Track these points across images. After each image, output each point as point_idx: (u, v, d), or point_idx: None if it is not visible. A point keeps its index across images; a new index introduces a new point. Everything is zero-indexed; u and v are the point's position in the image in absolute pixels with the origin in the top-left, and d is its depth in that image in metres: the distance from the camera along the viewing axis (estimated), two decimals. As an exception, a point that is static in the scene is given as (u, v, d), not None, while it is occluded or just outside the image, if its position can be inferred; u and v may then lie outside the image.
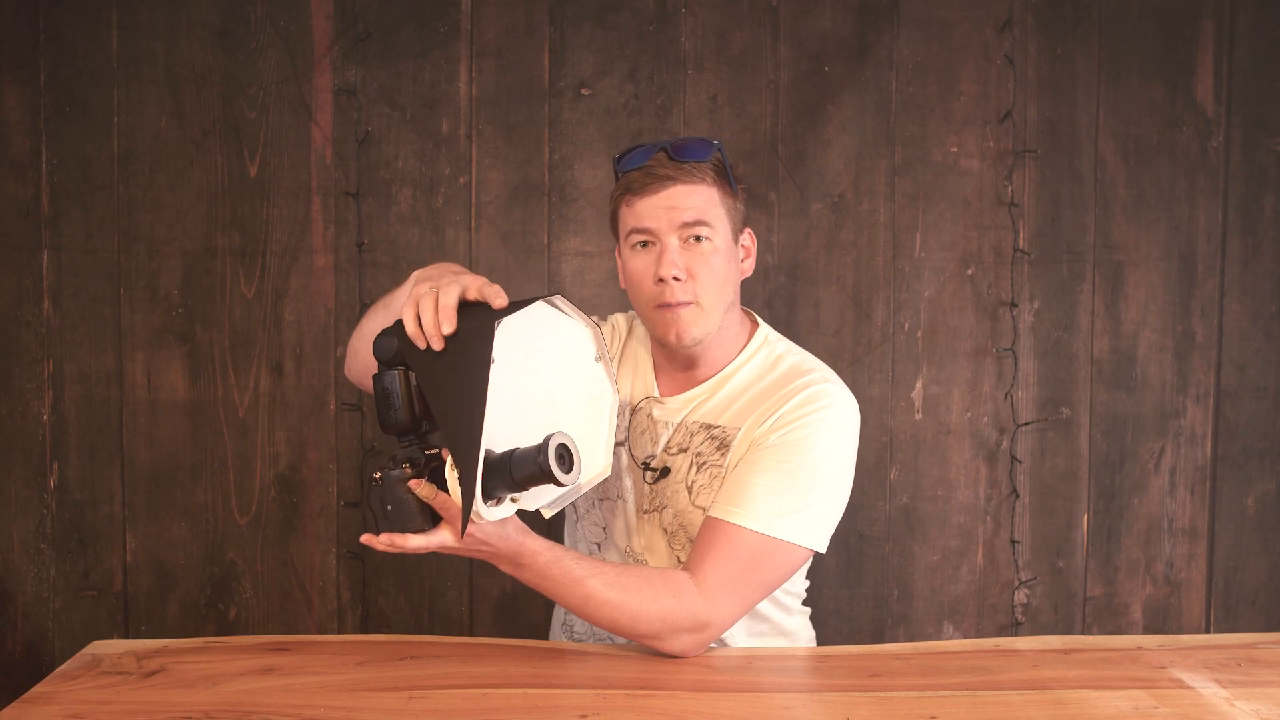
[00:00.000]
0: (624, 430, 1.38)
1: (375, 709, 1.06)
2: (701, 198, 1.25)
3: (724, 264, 1.27)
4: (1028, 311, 1.88)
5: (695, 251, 1.25)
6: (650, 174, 1.25)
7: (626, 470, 1.37)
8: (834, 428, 1.26)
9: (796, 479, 1.23)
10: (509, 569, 1.17)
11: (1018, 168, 1.86)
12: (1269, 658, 1.21)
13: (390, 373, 1.11)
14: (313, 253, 1.83)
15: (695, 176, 1.24)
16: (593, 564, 1.20)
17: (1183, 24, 1.86)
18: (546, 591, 1.18)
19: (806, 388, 1.27)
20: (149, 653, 1.21)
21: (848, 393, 1.30)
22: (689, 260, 1.25)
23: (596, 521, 1.40)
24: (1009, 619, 1.92)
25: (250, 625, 1.87)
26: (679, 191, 1.24)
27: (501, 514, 1.10)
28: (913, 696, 1.09)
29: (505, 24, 1.82)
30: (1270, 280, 1.91)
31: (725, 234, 1.27)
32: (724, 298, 1.28)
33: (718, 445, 1.30)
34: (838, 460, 1.27)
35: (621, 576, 1.19)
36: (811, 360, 1.34)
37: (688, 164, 1.24)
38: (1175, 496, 1.92)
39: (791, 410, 1.26)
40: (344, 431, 1.84)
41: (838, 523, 1.28)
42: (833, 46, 1.84)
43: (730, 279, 1.29)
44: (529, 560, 1.15)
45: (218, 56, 1.81)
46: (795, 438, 1.24)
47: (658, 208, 1.25)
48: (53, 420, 1.84)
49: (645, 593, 1.18)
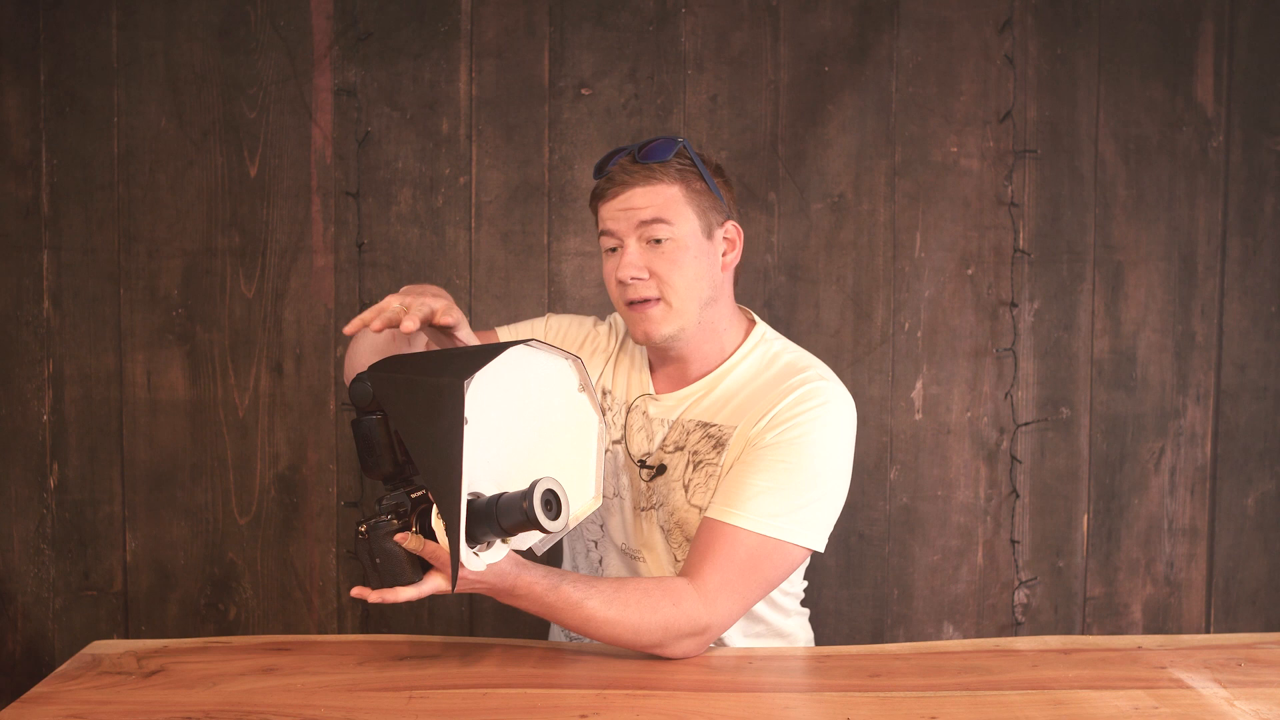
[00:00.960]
0: (620, 428, 1.38)
1: (375, 709, 1.06)
2: (660, 197, 1.26)
3: (692, 260, 1.27)
4: (1028, 311, 1.88)
5: (656, 251, 1.26)
6: (611, 179, 1.28)
7: (623, 468, 1.37)
8: (830, 425, 1.26)
9: (793, 478, 1.23)
10: (506, 600, 1.16)
11: (1018, 168, 1.86)
12: (1269, 658, 1.21)
13: (369, 419, 1.10)
14: (313, 253, 1.83)
15: (654, 177, 1.26)
16: (590, 584, 1.18)
17: (1183, 24, 1.86)
18: (547, 617, 1.17)
19: (802, 385, 1.27)
20: (149, 653, 1.21)
21: (844, 390, 1.30)
22: (650, 259, 1.27)
23: (594, 519, 1.40)
24: (1009, 619, 1.92)
25: (250, 625, 1.87)
26: (637, 193, 1.26)
27: (492, 559, 1.08)
28: (913, 696, 1.09)
29: (505, 24, 1.82)
30: (1270, 280, 1.91)
31: (692, 230, 1.27)
32: (696, 293, 1.28)
33: (713, 444, 1.30)
34: (834, 458, 1.27)
35: (619, 592, 1.18)
36: (808, 358, 1.34)
37: (650, 164, 1.26)
38: (1175, 496, 1.92)
39: (787, 409, 1.26)
40: (344, 431, 1.84)
41: (835, 521, 1.28)
42: (833, 46, 1.84)
43: (703, 274, 1.29)
44: (525, 591, 1.14)
45: (218, 56, 1.81)
46: (791, 437, 1.24)
47: (617, 210, 1.27)
48: (53, 420, 1.84)
49: (644, 605, 1.18)
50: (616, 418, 1.39)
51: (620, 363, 1.42)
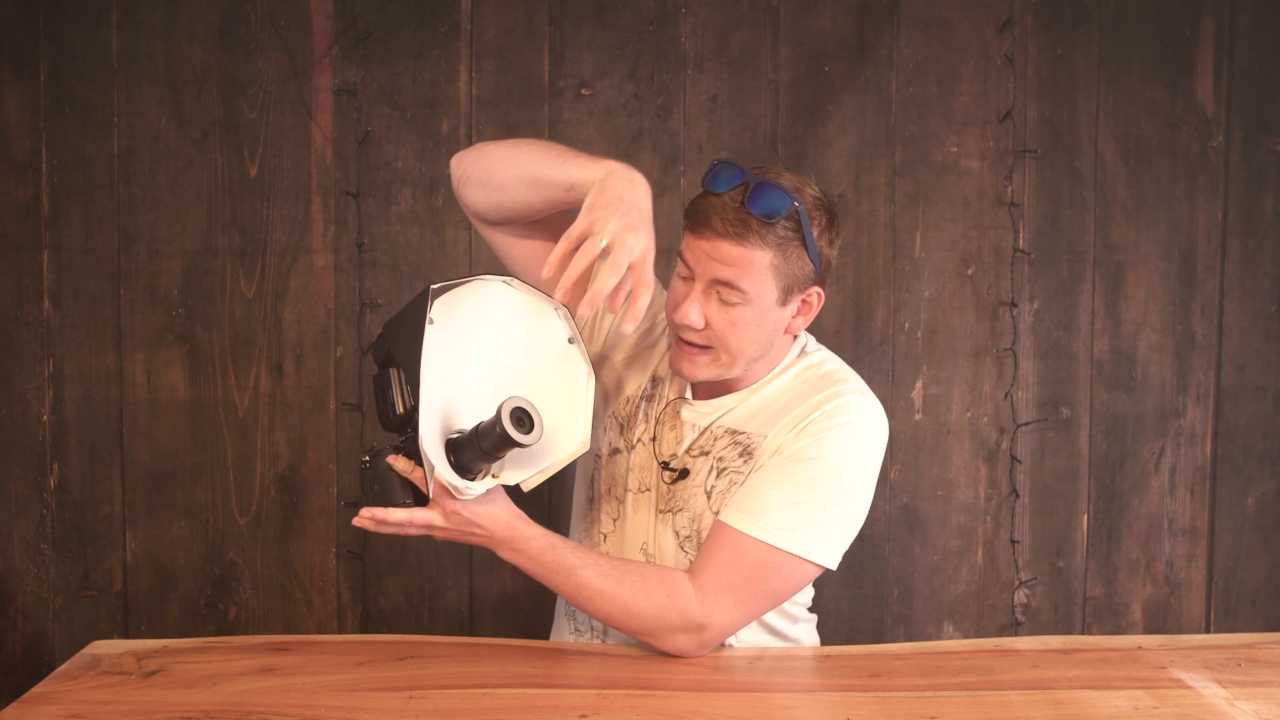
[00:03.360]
0: (651, 427, 1.35)
1: (375, 709, 1.06)
2: (747, 262, 1.17)
3: (755, 326, 1.21)
4: (1028, 311, 1.88)
5: (721, 308, 1.20)
6: (707, 217, 1.17)
7: (648, 467, 1.35)
8: (857, 442, 1.24)
9: (814, 492, 1.21)
10: (505, 554, 1.19)
11: (1018, 168, 1.86)
12: (1269, 658, 1.21)
13: (386, 372, 1.17)
14: (313, 253, 1.83)
15: (750, 240, 1.16)
16: (588, 554, 1.20)
17: (1183, 24, 1.86)
18: (541, 578, 1.19)
19: (835, 398, 1.24)
20: (149, 653, 1.21)
21: (877, 406, 1.27)
22: (712, 313, 1.20)
23: (610, 512, 1.38)
24: (1009, 619, 1.92)
25: (250, 625, 1.87)
26: (725, 248, 1.17)
27: (481, 489, 1.13)
28: (913, 696, 1.09)
29: (505, 24, 1.82)
30: (1270, 280, 1.91)
31: (767, 298, 1.20)
32: (748, 352, 1.23)
33: (741, 451, 1.27)
34: (858, 476, 1.24)
35: (616, 570, 1.20)
36: (845, 370, 1.31)
37: (750, 220, 1.16)
38: (1175, 496, 1.92)
39: (817, 420, 1.23)
40: (344, 431, 1.84)
41: (852, 540, 1.26)
42: (833, 46, 1.84)
43: (760, 338, 1.23)
44: (523, 546, 1.17)
45: (218, 56, 1.81)
46: (816, 450, 1.22)
47: (700, 252, 1.19)
48: (53, 420, 1.84)
49: (639, 588, 1.18)
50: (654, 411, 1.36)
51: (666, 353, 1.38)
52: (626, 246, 1.08)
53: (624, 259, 1.08)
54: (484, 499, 1.15)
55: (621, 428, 1.37)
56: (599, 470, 1.39)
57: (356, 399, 1.84)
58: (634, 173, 1.16)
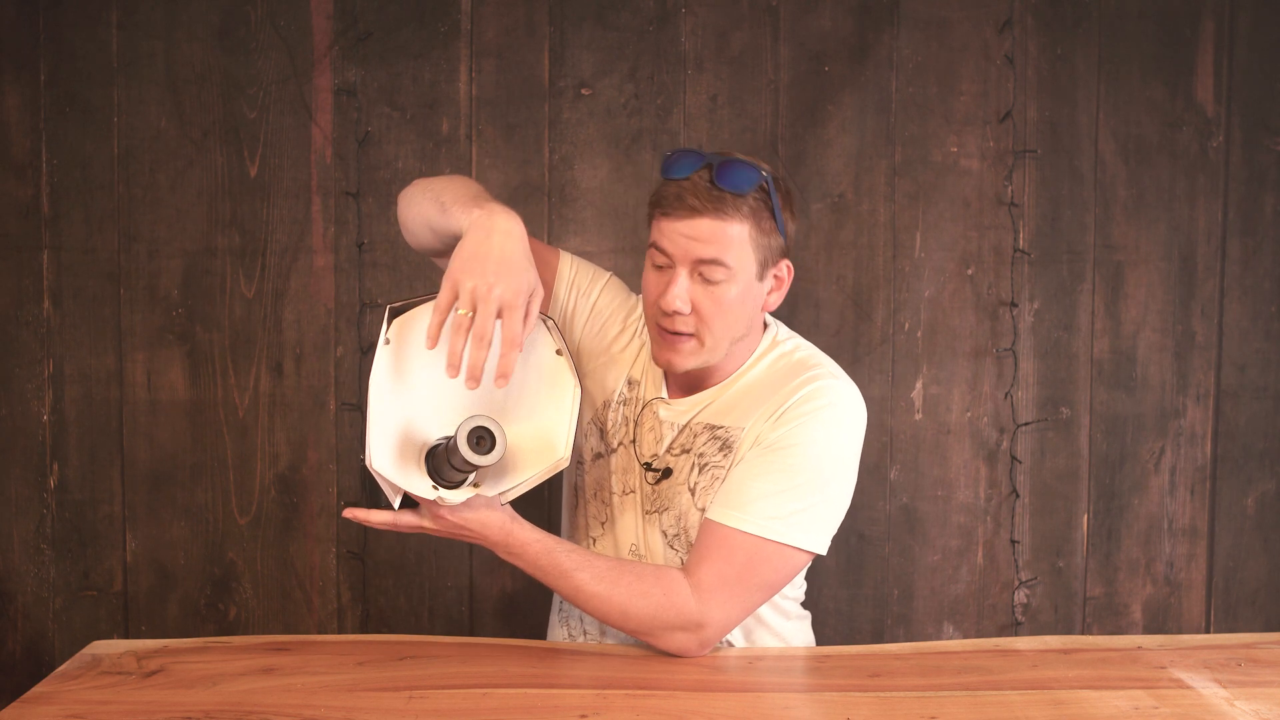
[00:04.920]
0: (631, 429, 1.36)
1: (375, 709, 1.06)
2: (727, 236, 1.19)
3: (738, 301, 1.22)
4: (1028, 311, 1.88)
5: (706, 290, 1.21)
6: (680, 198, 1.19)
7: (631, 469, 1.36)
8: (835, 426, 1.24)
9: (795, 480, 1.21)
10: (504, 556, 1.20)
11: (1018, 168, 1.86)
12: (1269, 658, 1.21)
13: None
14: (313, 253, 1.83)
15: (726, 211, 1.18)
16: (585, 556, 1.21)
17: (1183, 24, 1.86)
18: (539, 579, 1.21)
19: (810, 383, 1.25)
20: (149, 653, 1.21)
21: (853, 389, 1.28)
22: (697, 295, 1.21)
23: (597, 516, 1.39)
24: (1009, 619, 1.92)
25: (250, 625, 1.87)
26: (703, 225, 1.18)
27: (460, 498, 1.14)
28: (913, 696, 1.09)
29: (505, 24, 1.82)
30: (1270, 280, 1.91)
31: (748, 272, 1.22)
32: (732, 332, 1.25)
33: (720, 445, 1.29)
34: (839, 460, 1.25)
35: (612, 571, 1.20)
36: (818, 355, 1.32)
37: (724, 195, 1.18)
38: (1175, 496, 1.92)
39: (793, 407, 1.24)
40: (344, 431, 1.84)
41: (839, 524, 1.27)
42: (833, 46, 1.84)
43: (744, 315, 1.25)
44: (519, 550, 1.19)
45: (218, 56, 1.81)
46: (795, 437, 1.23)
47: (678, 235, 1.19)
48: (53, 420, 1.84)
49: (636, 589, 1.19)
50: (632, 414, 1.37)
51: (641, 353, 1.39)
52: (488, 309, 1.09)
53: (488, 323, 1.09)
54: (472, 504, 1.16)
55: (602, 432, 1.38)
56: (583, 476, 1.40)
57: (356, 399, 1.84)
58: (494, 218, 1.14)
